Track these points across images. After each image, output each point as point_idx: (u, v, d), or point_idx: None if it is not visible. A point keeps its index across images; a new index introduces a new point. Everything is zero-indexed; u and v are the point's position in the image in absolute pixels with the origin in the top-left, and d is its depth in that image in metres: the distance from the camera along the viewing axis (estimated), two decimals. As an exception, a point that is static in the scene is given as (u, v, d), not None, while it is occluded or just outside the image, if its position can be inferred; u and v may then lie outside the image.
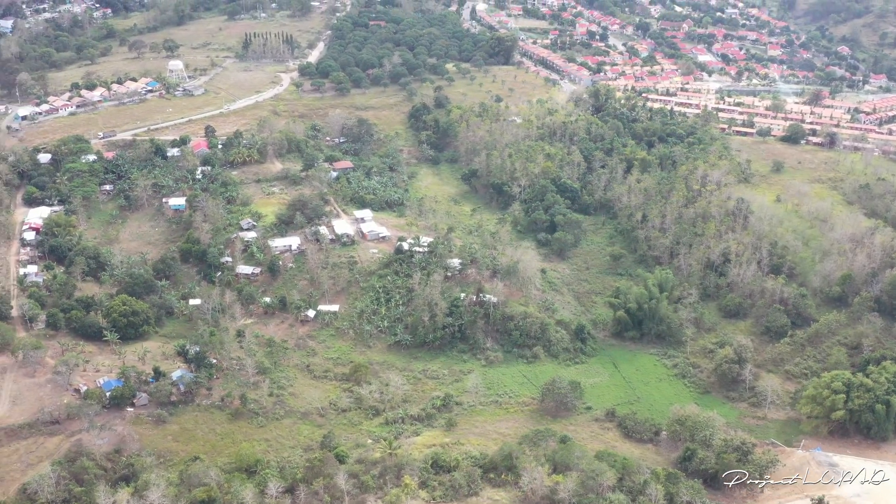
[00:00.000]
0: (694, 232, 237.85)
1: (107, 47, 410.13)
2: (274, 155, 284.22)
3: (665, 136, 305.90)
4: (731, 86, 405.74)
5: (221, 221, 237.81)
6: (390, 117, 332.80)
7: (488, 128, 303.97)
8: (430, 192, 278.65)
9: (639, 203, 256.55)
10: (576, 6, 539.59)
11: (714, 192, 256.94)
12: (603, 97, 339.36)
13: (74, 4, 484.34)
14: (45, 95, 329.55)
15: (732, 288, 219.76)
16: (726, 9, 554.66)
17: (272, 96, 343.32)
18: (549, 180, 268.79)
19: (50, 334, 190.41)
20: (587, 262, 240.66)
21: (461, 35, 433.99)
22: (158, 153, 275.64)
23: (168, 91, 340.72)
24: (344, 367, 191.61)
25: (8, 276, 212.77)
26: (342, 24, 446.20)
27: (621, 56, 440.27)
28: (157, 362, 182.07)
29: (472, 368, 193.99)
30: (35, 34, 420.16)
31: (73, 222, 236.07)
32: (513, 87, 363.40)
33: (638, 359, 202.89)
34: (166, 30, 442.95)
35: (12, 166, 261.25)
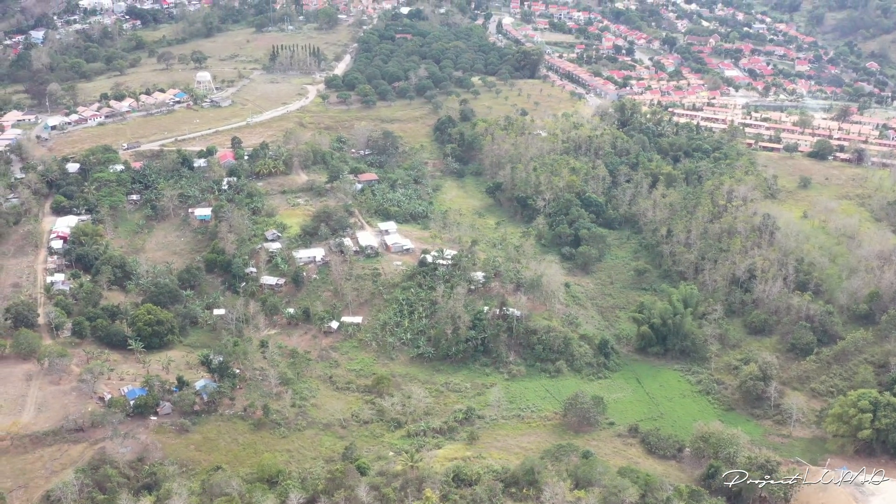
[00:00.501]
0: (719, 247, 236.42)
1: (136, 58, 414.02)
2: (299, 166, 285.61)
3: (691, 151, 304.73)
4: (758, 101, 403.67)
5: (246, 232, 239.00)
6: (415, 130, 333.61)
7: (513, 141, 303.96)
8: (455, 204, 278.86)
9: (664, 218, 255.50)
10: (602, 20, 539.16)
11: (740, 207, 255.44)
12: (629, 111, 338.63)
13: (105, 16, 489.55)
14: (74, 106, 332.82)
15: (758, 304, 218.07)
16: (754, 24, 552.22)
17: (298, 108, 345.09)
18: (573, 194, 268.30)
19: (76, 342, 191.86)
20: (611, 277, 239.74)
21: (487, 48, 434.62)
22: (185, 164, 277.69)
23: (196, 102, 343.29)
24: (366, 378, 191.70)
25: (35, 284, 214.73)
26: (369, 36, 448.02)
27: (647, 70, 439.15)
28: (180, 371, 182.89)
29: (495, 382, 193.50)
30: (66, 45, 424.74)
31: (100, 231, 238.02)
32: (538, 100, 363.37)
33: (662, 374, 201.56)
34: (195, 42, 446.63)
35: (41, 175, 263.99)
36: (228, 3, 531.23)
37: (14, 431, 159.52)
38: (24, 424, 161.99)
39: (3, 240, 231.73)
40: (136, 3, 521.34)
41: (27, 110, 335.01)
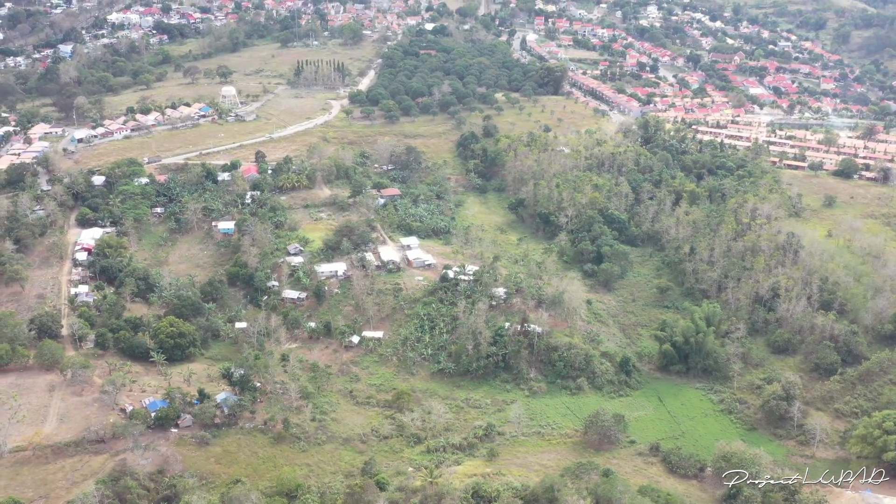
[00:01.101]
0: (743, 266, 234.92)
1: (162, 73, 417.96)
2: (322, 181, 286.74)
3: (715, 169, 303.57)
4: (782, 119, 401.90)
5: (269, 246, 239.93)
6: (438, 145, 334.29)
7: (536, 157, 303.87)
8: (477, 220, 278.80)
9: (687, 235, 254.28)
10: (626, 38, 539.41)
11: (764, 225, 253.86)
12: (652, 128, 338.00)
13: (132, 31, 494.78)
14: (100, 119, 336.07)
15: (781, 323, 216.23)
16: (779, 42, 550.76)
17: (322, 123, 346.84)
18: (596, 211, 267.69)
19: (98, 354, 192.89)
20: (633, 294, 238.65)
21: (511, 65, 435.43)
22: (209, 177, 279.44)
23: (220, 116, 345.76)
24: (387, 393, 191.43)
25: (59, 295, 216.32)
26: (393, 52, 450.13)
27: (671, 88, 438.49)
28: (201, 384, 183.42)
29: (516, 398, 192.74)
30: (93, 59, 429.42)
31: (125, 244, 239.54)
32: (561, 117, 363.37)
33: (683, 393, 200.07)
34: (220, 56, 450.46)
35: (67, 188, 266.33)
36: (254, 18, 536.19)
37: (36, 442, 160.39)
38: (46, 435, 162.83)
39: (29, 251, 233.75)
40: (163, 17, 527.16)
41: (54, 123, 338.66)
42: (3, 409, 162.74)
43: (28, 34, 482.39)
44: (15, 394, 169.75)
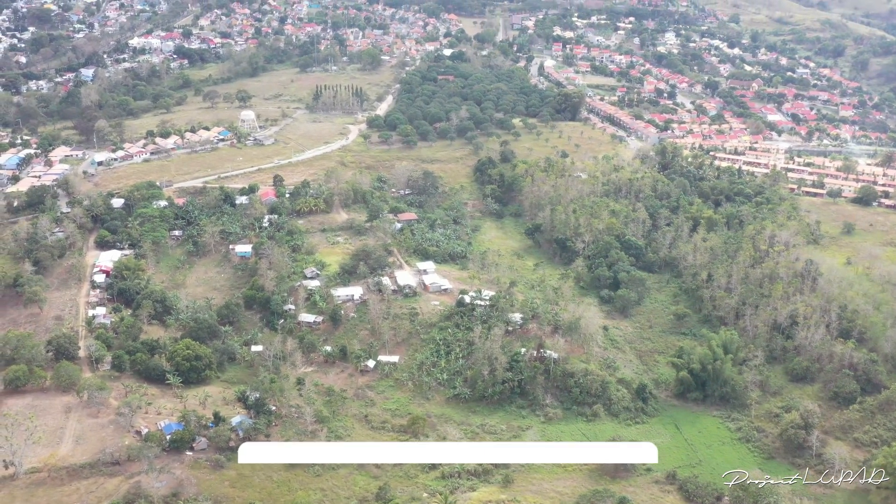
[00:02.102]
0: (760, 293, 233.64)
1: (182, 97, 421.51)
2: (340, 205, 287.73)
3: (732, 196, 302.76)
4: (801, 146, 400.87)
5: (286, 269, 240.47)
6: (456, 170, 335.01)
7: (553, 183, 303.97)
8: (494, 245, 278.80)
9: (704, 262, 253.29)
10: (644, 64, 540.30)
11: (782, 252, 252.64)
12: (670, 155, 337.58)
13: (153, 55, 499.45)
14: (121, 142, 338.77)
15: (800, 351, 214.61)
16: (797, 69, 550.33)
17: (340, 147, 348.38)
18: (613, 237, 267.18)
19: (115, 376, 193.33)
20: (650, 321, 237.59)
21: (528, 91, 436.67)
22: (227, 201, 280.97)
23: (239, 140, 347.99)
24: (402, 418, 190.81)
25: (77, 317, 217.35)
26: (411, 77, 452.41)
27: (689, 114, 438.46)
28: (217, 407, 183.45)
29: (531, 425, 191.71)
30: (114, 83, 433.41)
31: (143, 266, 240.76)
32: (579, 142, 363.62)
33: (700, 421, 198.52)
34: (240, 81, 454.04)
35: (87, 210, 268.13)
36: (274, 43, 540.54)
37: (52, 463, 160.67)
38: (62, 456, 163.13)
39: (48, 273, 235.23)
40: (184, 42, 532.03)
41: (75, 146, 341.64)
42: (20, 431, 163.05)
43: (51, 58, 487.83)
44: (31, 415, 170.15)
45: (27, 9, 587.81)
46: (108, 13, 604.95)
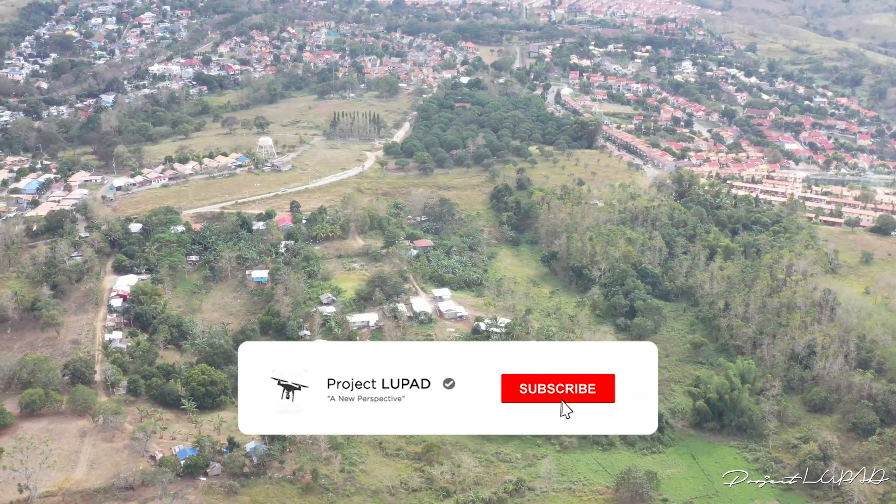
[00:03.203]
0: (778, 322, 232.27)
1: (201, 123, 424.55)
2: (356, 231, 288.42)
3: (750, 224, 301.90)
4: (818, 175, 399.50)
5: (302, 295, 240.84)
6: (472, 197, 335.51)
7: (570, 210, 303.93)
8: (510, 272, 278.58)
9: (721, 291, 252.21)
10: (661, 92, 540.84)
11: (799, 282, 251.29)
12: (686, 183, 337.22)
13: (173, 81, 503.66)
14: (139, 167, 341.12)
15: (818, 381, 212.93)
16: (814, 98, 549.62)
17: (357, 174, 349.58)
18: (629, 265, 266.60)
19: (130, 400, 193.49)
20: (667, 350, 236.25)
21: (545, 118, 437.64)
22: (244, 226, 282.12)
23: (257, 166, 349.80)
24: (416, 445, 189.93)
25: (94, 341, 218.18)
26: (428, 105, 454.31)
27: (706, 142, 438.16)
28: (231, 432, 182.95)
29: (546, 453, 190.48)
30: (134, 109, 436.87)
31: (159, 291, 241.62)
32: (595, 170, 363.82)
33: (717, 451, 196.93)
34: (258, 107, 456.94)
35: (105, 235, 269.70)
36: (292, 70, 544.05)
37: (66, 487, 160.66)
38: (76, 481, 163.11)
39: (66, 297, 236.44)
40: (203, 69, 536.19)
41: (94, 171, 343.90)
42: (35, 454, 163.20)
43: (71, 84, 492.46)
44: (47, 439, 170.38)
45: (49, 35, 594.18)
46: (129, 40, 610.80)
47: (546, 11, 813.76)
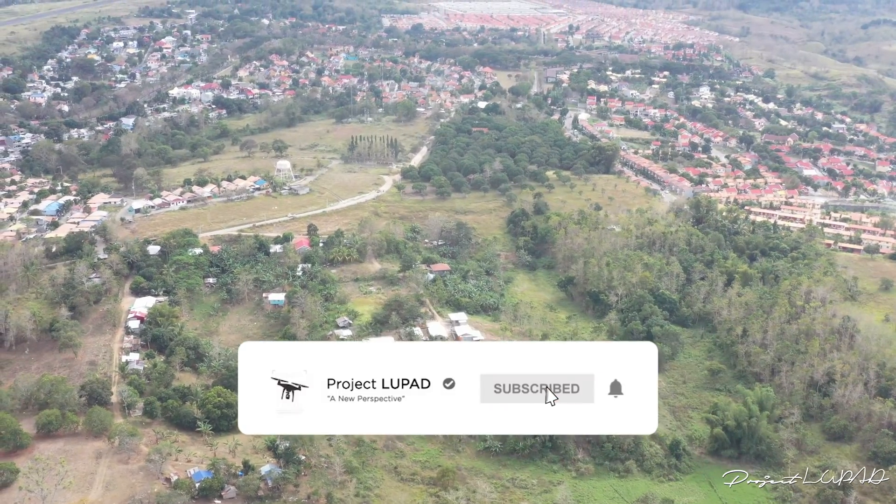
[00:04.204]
0: (797, 349, 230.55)
1: (219, 146, 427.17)
2: (373, 255, 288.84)
3: (768, 250, 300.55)
4: (837, 201, 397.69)
5: (318, 318, 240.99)
6: (489, 222, 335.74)
7: (586, 235, 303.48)
8: (526, 297, 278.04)
9: (739, 317, 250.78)
10: (679, 118, 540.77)
11: (818, 308, 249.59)
12: (704, 209, 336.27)
13: (192, 105, 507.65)
14: (158, 190, 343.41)
15: (837, 409, 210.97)
16: (833, 124, 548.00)
17: (374, 197, 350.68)
18: (646, 290, 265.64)
19: (146, 422, 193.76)
20: (684, 376, 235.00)
21: (562, 143, 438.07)
22: (262, 249, 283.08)
23: (275, 189, 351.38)
24: (432, 470, 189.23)
25: (111, 362, 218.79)
26: (446, 129, 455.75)
27: (724, 168, 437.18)
28: (247, 456, 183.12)
29: (562, 480, 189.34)
30: (154, 132, 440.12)
31: (176, 313, 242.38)
32: (612, 195, 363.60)
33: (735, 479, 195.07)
34: (277, 131, 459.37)
35: (123, 256, 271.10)
36: (311, 94, 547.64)
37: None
38: (92, 502, 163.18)
39: (84, 318, 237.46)
40: (222, 93, 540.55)
41: (114, 193, 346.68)
42: (51, 475, 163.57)
43: (92, 107, 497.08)
44: (63, 459, 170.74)
45: (71, 59, 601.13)
46: (150, 64, 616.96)
47: (564, 37, 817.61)
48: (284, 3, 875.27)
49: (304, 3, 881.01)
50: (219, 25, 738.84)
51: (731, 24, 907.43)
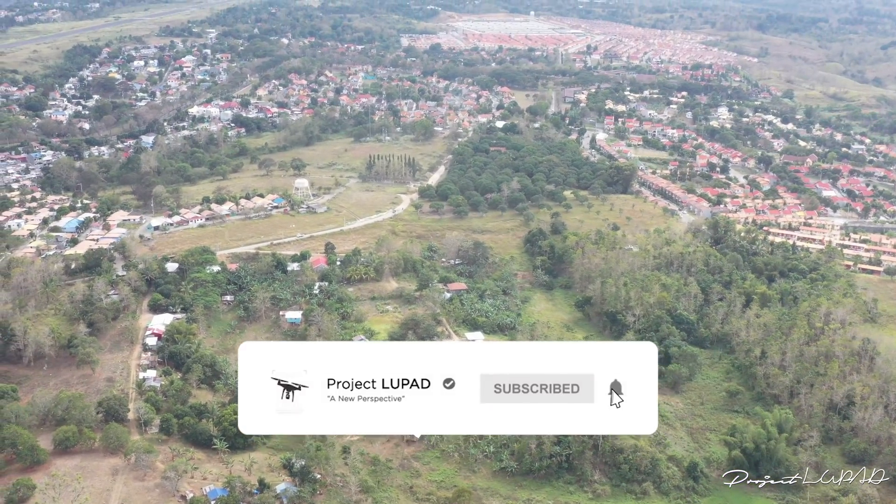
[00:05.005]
0: (816, 371, 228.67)
1: (238, 164, 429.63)
2: (390, 273, 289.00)
3: (786, 271, 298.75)
4: (856, 222, 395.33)
5: (335, 336, 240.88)
6: (506, 241, 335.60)
7: (604, 255, 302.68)
8: (543, 317, 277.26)
9: (758, 338, 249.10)
10: (697, 138, 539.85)
11: (838, 330, 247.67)
12: (722, 229, 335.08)
13: (212, 123, 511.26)
14: (177, 208, 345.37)
15: (857, 432, 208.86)
16: (853, 145, 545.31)
17: (391, 216, 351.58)
18: (664, 311, 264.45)
19: (162, 439, 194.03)
20: (702, 397, 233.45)
21: (580, 163, 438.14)
22: (279, 267, 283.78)
23: (293, 208, 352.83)
24: (447, 491, 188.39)
25: (128, 379, 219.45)
26: (463, 148, 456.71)
27: (742, 188, 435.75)
28: (262, 474, 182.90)
29: (579, 501, 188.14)
30: (173, 150, 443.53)
31: (194, 330, 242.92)
32: (630, 215, 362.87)
33: (753, 502, 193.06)
34: (295, 149, 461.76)
35: (141, 274, 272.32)
36: (329, 113, 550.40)
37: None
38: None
39: (102, 335, 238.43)
40: (242, 111, 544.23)
41: (133, 211, 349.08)
42: (67, 492, 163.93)
43: (113, 125, 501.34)
44: (79, 476, 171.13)
45: (92, 77, 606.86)
46: (170, 82, 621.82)
47: (582, 57, 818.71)
48: (304, 23, 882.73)
49: (324, 23, 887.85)
50: (239, 45, 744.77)
51: (749, 45, 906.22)
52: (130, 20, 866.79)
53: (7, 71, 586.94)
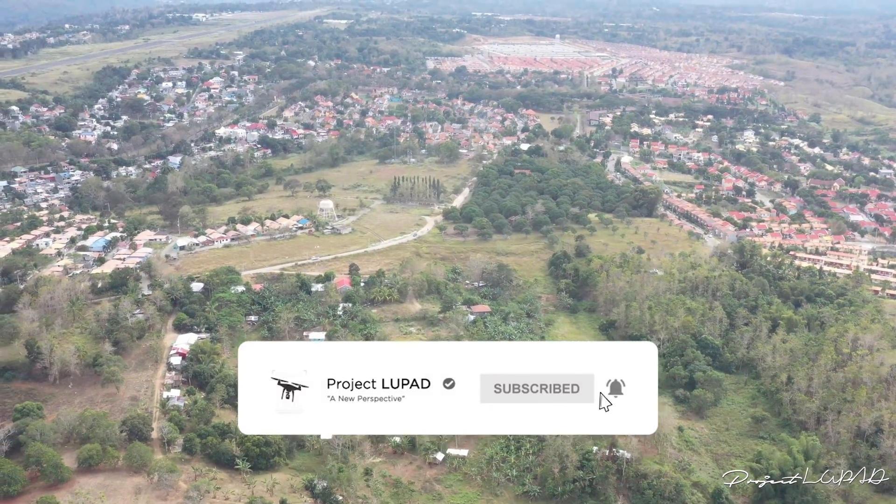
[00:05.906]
0: (843, 398, 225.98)
1: (264, 185, 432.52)
2: (413, 295, 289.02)
3: (813, 296, 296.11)
4: (885, 247, 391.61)
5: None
6: (530, 264, 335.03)
7: (628, 279, 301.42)
8: (567, 340, 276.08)
9: (784, 364, 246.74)
10: (722, 162, 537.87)
11: (865, 356, 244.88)
12: (748, 253, 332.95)
13: (238, 144, 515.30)
14: (203, 228, 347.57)
15: (885, 460, 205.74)
16: (880, 169, 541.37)
17: (416, 238, 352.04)
18: (689, 335, 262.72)
19: (185, 458, 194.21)
20: (727, 423, 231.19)
21: (605, 186, 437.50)
22: (303, 288, 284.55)
23: (317, 229, 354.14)
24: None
25: (152, 398, 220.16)
26: (488, 171, 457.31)
27: (768, 213, 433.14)
28: (284, 495, 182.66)
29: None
30: (200, 170, 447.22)
31: (218, 350, 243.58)
32: (655, 239, 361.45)
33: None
34: (320, 171, 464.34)
35: (167, 293, 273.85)
36: (354, 135, 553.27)
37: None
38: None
39: (127, 353, 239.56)
40: (268, 133, 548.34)
41: (159, 230, 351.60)
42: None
43: (141, 145, 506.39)
44: (102, 494, 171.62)
45: (121, 98, 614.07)
46: (198, 104, 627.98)
47: (607, 80, 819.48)
48: (330, 46, 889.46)
49: (350, 46, 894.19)
50: (265, 67, 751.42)
51: (775, 69, 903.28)
52: (159, 42, 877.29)
53: (38, 91, 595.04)
